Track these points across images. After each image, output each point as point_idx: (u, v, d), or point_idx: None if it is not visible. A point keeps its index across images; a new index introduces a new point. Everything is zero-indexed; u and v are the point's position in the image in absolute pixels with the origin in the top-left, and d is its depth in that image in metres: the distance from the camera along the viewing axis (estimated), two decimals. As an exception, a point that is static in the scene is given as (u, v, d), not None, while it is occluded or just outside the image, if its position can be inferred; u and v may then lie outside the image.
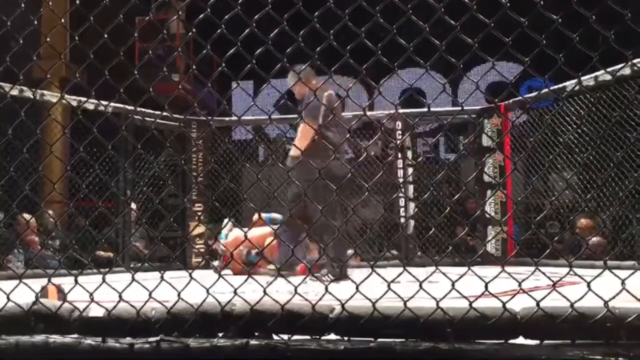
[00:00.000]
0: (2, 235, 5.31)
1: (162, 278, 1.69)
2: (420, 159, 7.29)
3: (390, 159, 7.03)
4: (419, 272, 1.55)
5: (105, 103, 2.02)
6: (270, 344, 1.46)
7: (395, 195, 6.80)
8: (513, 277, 1.53)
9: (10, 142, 1.96)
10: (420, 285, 1.52)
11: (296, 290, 1.60)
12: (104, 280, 1.70)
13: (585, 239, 5.21)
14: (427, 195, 6.60)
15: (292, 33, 1.63)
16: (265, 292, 1.58)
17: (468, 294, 1.55)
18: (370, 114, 7.08)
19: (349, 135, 5.85)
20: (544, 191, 6.16)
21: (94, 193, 4.85)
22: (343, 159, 4.46)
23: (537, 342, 1.39)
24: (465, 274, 1.56)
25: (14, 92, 4.62)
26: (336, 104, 4.54)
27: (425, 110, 6.75)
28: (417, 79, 7.38)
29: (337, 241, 3.86)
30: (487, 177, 6.36)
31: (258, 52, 1.62)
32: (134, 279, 1.71)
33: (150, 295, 1.64)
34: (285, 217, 4.67)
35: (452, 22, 1.54)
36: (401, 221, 6.70)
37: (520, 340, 1.41)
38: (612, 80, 4.81)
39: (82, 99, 4.24)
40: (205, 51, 1.74)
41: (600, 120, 5.19)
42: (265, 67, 1.71)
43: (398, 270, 1.60)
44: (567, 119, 5.61)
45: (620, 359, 1.30)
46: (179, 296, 1.60)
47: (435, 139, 8.87)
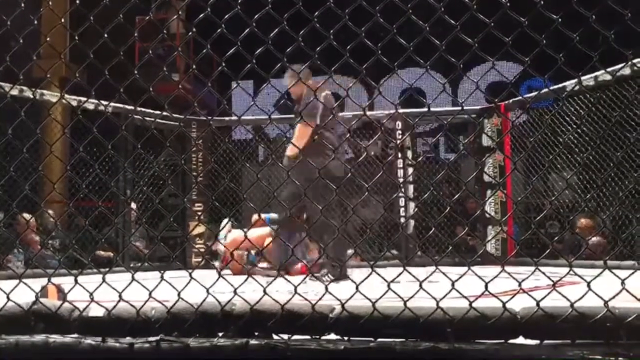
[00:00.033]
0: (2, 235, 5.31)
1: (162, 278, 1.69)
2: (420, 158, 7.29)
3: (390, 158, 7.03)
4: (419, 272, 1.55)
5: (105, 103, 2.02)
6: (270, 344, 1.46)
7: (395, 195, 6.80)
8: (513, 277, 1.53)
9: (10, 142, 1.96)
10: (420, 285, 1.53)
11: (296, 290, 1.60)
12: (104, 280, 1.71)
13: (585, 239, 5.21)
14: (427, 195, 6.59)
15: (292, 33, 1.63)
16: (265, 292, 1.58)
17: (468, 293, 1.55)
18: (370, 113, 7.09)
19: (348, 135, 5.89)
20: (543, 191, 6.15)
21: (93, 193, 4.85)
22: (340, 159, 4.45)
23: (537, 342, 1.39)
24: (465, 273, 1.56)
25: (14, 92, 4.62)
26: (335, 105, 4.53)
27: (425, 110, 6.75)
28: (417, 79, 7.38)
29: (337, 241, 3.85)
30: (487, 177, 6.35)
31: (258, 51, 1.62)
32: (134, 278, 1.71)
33: (150, 295, 1.64)
34: (280, 216, 4.64)
35: (452, 21, 1.54)
36: (401, 221, 6.70)
37: (520, 340, 1.41)
38: (612, 80, 4.81)
39: (82, 98, 4.25)
40: (205, 51, 1.74)
41: (600, 120, 5.18)
42: (265, 67, 1.71)
43: (398, 270, 1.60)
44: (567, 119, 5.61)
45: (620, 358, 1.30)
46: (179, 296, 1.60)
47: (435, 139, 8.86)
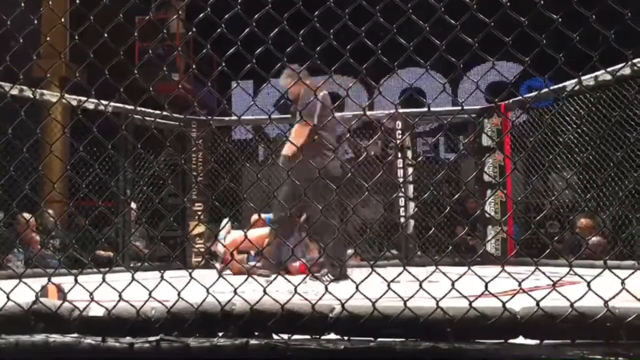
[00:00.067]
0: (2, 234, 5.31)
1: (162, 277, 1.69)
2: (420, 158, 7.29)
3: (390, 158, 7.02)
4: (419, 271, 1.55)
5: (105, 102, 2.02)
6: (270, 344, 1.46)
7: (395, 195, 6.80)
8: (513, 276, 1.53)
9: (10, 141, 1.96)
10: (420, 285, 1.53)
11: (296, 290, 1.60)
12: (104, 279, 1.71)
13: (585, 239, 5.21)
14: (427, 195, 6.60)
15: (292, 32, 1.63)
16: (265, 291, 1.58)
17: (468, 293, 1.55)
18: (370, 113, 7.08)
19: (348, 135, 5.89)
20: (543, 191, 6.15)
21: (93, 192, 4.85)
22: (336, 159, 4.44)
23: (537, 341, 1.39)
24: (465, 273, 1.56)
25: (14, 92, 4.62)
26: (334, 106, 4.53)
27: (425, 110, 6.74)
28: (417, 79, 7.38)
29: (336, 241, 3.85)
30: (487, 177, 6.35)
31: (258, 51, 1.62)
32: (133, 278, 1.71)
33: (150, 294, 1.64)
34: (275, 216, 4.63)
35: (452, 21, 1.54)
36: (401, 221, 6.70)
37: (520, 339, 1.41)
38: (612, 80, 4.81)
39: (82, 98, 4.25)
40: (205, 50, 1.74)
41: (600, 120, 5.18)
42: (265, 67, 1.71)
43: (398, 269, 1.60)
44: (567, 118, 5.61)
45: (620, 358, 1.30)
46: (179, 296, 1.60)
47: (435, 139, 8.86)
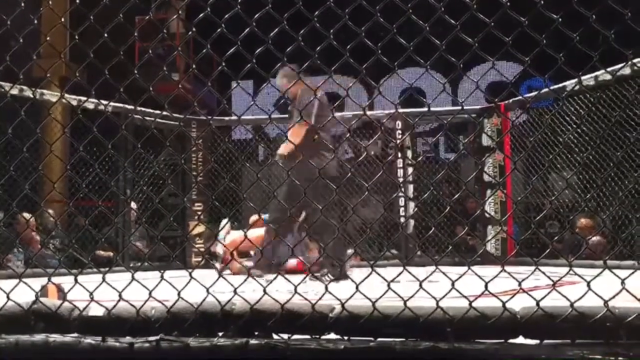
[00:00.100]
0: (2, 234, 5.30)
1: (162, 277, 1.69)
2: (420, 158, 7.29)
3: (390, 158, 7.02)
4: (419, 271, 1.55)
5: (105, 102, 2.02)
6: (270, 344, 1.46)
7: (395, 195, 6.80)
8: (513, 276, 1.53)
9: (10, 141, 1.96)
10: (420, 284, 1.53)
11: (296, 289, 1.60)
12: (104, 279, 1.71)
13: (585, 239, 5.20)
14: (427, 194, 6.60)
15: (292, 32, 1.63)
16: (265, 291, 1.58)
17: (468, 293, 1.55)
18: (370, 113, 7.08)
19: (348, 134, 5.89)
20: (543, 191, 6.16)
21: (93, 192, 4.85)
22: (335, 158, 4.44)
23: (537, 341, 1.39)
24: (465, 273, 1.56)
25: (14, 92, 4.62)
26: (334, 106, 4.53)
27: (425, 109, 6.74)
28: (417, 79, 7.39)
29: (336, 241, 3.85)
30: (487, 177, 6.35)
31: (258, 51, 1.62)
32: (133, 278, 1.71)
33: (150, 294, 1.64)
34: (270, 217, 4.62)
35: (452, 21, 1.54)
36: (401, 221, 6.70)
37: (520, 339, 1.41)
38: (612, 80, 4.81)
39: (82, 98, 4.25)
40: (205, 50, 1.74)
41: (600, 120, 5.18)
42: (265, 67, 1.71)
43: (398, 269, 1.60)
44: (567, 118, 5.61)
45: (620, 358, 1.30)
46: (179, 295, 1.60)
47: (435, 139, 8.86)
